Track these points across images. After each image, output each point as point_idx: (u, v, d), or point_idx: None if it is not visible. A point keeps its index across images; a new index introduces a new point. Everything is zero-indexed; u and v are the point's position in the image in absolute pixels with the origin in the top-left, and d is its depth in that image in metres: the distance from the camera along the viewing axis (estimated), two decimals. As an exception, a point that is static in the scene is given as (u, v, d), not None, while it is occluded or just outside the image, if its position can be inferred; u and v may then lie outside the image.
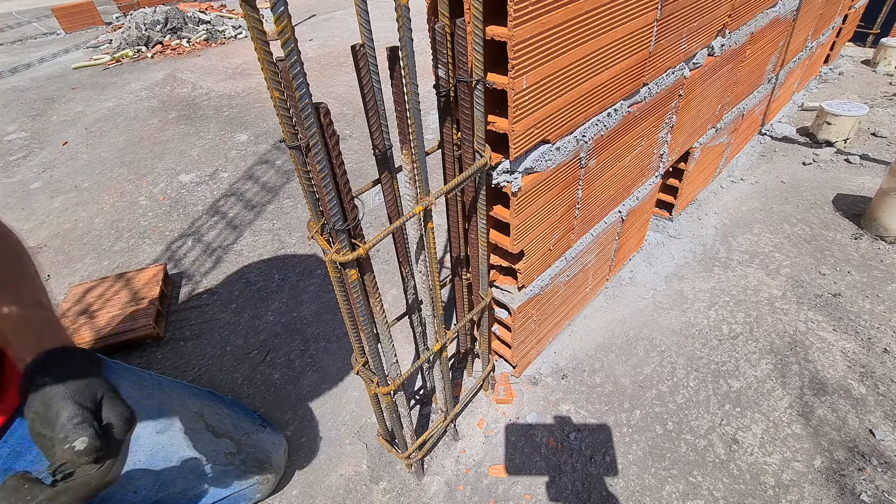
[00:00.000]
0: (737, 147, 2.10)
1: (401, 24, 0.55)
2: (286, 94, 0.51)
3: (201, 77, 4.14)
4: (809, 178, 2.04)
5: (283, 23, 0.43)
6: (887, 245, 1.64)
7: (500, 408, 1.28)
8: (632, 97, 1.09)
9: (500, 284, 1.13)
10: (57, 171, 2.86)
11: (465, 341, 1.21)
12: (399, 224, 0.70)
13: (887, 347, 1.31)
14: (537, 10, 0.70)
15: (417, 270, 0.87)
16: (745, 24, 1.45)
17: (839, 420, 1.17)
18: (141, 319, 1.57)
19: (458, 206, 0.87)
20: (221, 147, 2.90)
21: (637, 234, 1.61)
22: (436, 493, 1.11)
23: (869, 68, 2.92)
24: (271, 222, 2.16)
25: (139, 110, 3.59)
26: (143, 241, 2.14)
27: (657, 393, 1.27)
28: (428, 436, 1.08)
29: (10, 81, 4.68)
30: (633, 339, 1.42)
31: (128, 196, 2.50)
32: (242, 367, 1.48)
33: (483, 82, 0.70)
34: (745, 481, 1.07)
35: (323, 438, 1.25)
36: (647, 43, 1.01)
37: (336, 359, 1.47)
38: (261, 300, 1.73)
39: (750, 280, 1.58)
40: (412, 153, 0.69)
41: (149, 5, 6.76)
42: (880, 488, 1.03)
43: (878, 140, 2.22)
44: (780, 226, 1.79)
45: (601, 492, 1.08)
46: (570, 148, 0.97)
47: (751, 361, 1.32)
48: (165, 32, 5.39)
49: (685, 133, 1.47)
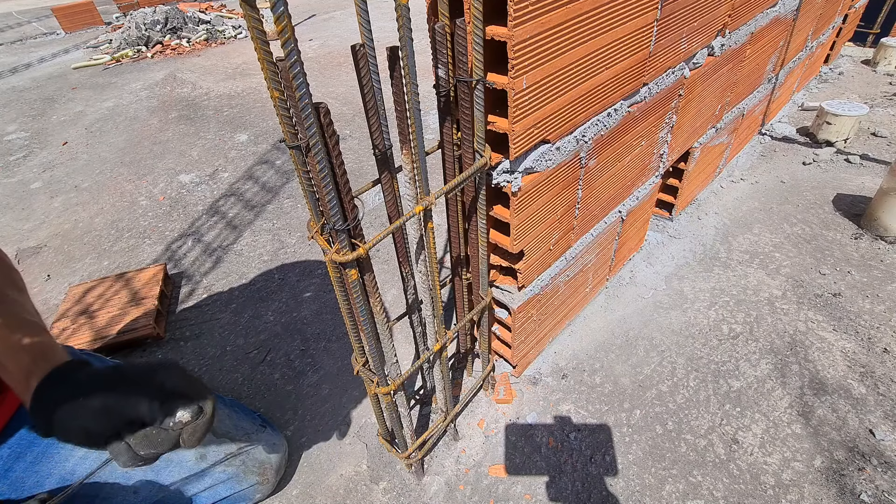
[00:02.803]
0: (737, 147, 2.10)
1: (401, 24, 0.55)
2: (286, 94, 0.51)
3: (201, 77, 4.14)
4: (809, 177, 2.04)
5: (283, 23, 0.43)
6: (887, 245, 1.63)
7: (500, 408, 1.28)
8: (632, 97, 1.09)
9: (500, 284, 1.13)
10: (57, 171, 2.86)
11: (465, 341, 1.21)
12: (399, 224, 0.70)
13: (887, 347, 1.31)
14: (537, 9, 0.70)
15: (417, 270, 0.87)
16: (745, 24, 1.45)
17: (839, 420, 1.17)
18: (141, 319, 1.57)
19: (458, 206, 0.87)
20: (221, 147, 2.90)
21: (637, 233, 1.61)
22: (436, 493, 1.11)
23: (869, 68, 2.92)
24: (271, 222, 2.16)
25: (139, 110, 3.59)
26: (143, 241, 2.14)
27: (657, 393, 1.27)
28: (428, 436, 1.08)
29: (10, 81, 4.68)
30: (633, 339, 1.42)
31: (128, 196, 2.50)
32: (242, 367, 1.48)
33: (483, 82, 0.70)
34: (745, 481, 1.07)
35: (323, 438, 1.25)
36: (647, 43, 1.01)
37: (336, 359, 1.47)
38: (261, 300, 1.73)
39: (750, 280, 1.58)
40: (412, 153, 0.69)
41: (149, 5, 6.76)
42: (880, 488, 1.03)
43: (878, 140, 2.22)
44: (780, 226, 1.79)
45: (601, 492, 1.08)
46: (570, 148, 0.97)
47: (751, 361, 1.32)
48: (165, 32, 5.39)
49: (685, 133, 1.47)
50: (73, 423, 0.54)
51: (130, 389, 0.56)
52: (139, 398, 0.56)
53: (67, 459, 0.82)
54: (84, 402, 0.54)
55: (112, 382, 0.57)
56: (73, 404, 0.54)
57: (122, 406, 0.55)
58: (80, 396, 0.54)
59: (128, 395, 0.56)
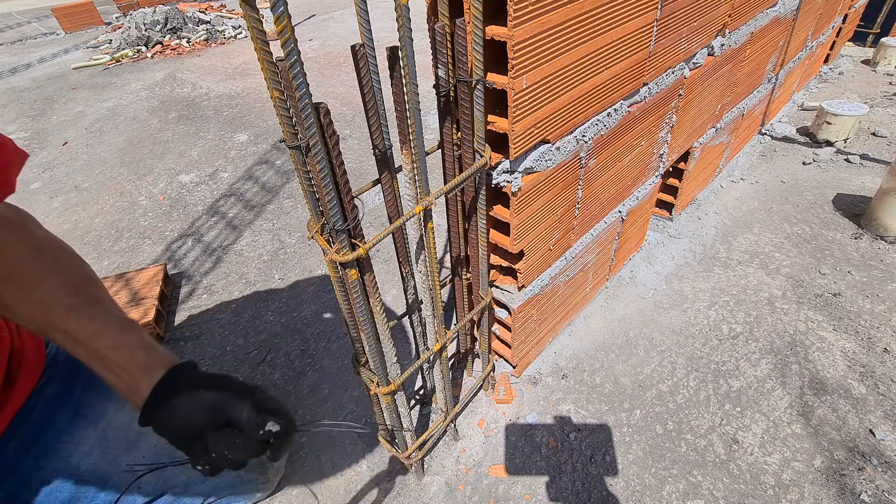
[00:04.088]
0: (737, 147, 2.10)
1: (401, 24, 0.55)
2: (286, 94, 0.51)
3: (201, 77, 4.14)
4: (809, 177, 2.03)
5: (283, 23, 0.43)
6: (887, 245, 1.63)
7: (500, 408, 1.28)
8: (632, 97, 1.09)
9: (500, 284, 1.13)
10: (57, 171, 2.86)
11: (465, 341, 1.21)
12: (399, 224, 0.70)
13: (887, 347, 1.31)
14: (537, 10, 0.70)
15: (417, 270, 0.87)
16: (745, 24, 1.45)
17: (839, 420, 1.17)
18: (141, 319, 1.57)
19: (458, 206, 0.87)
20: (221, 147, 2.90)
21: (637, 233, 1.61)
22: (436, 493, 1.11)
23: (869, 68, 2.92)
24: (271, 222, 2.16)
25: (139, 110, 3.59)
26: (143, 241, 2.14)
27: (657, 393, 1.27)
28: (428, 436, 1.08)
29: (10, 81, 4.68)
30: (634, 339, 1.42)
31: (128, 196, 2.50)
32: (242, 367, 1.48)
33: (483, 82, 0.70)
34: (745, 481, 1.07)
35: (323, 438, 1.25)
36: (646, 43, 1.01)
37: (336, 359, 1.47)
38: (261, 300, 1.73)
39: (750, 280, 1.58)
40: (412, 153, 0.69)
41: (149, 5, 6.76)
42: (880, 488, 1.03)
43: (878, 140, 2.22)
44: (780, 225, 1.79)
45: (601, 491, 1.08)
46: (570, 148, 0.97)
47: (751, 361, 1.32)
48: (165, 32, 5.39)
49: (685, 133, 1.47)
50: (181, 411, 0.58)
51: (237, 394, 0.61)
52: (243, 403, 0.59)
53: (72, 454, 0.82)
54: (198, 395, 0.59)
55: (221, 385, 0.61)
56: (188, 395, 0.59)
57: (229, 405, 0.59)
58: (196, 390, 0.59)
59: (234, 398, 0.60)
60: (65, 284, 0.66)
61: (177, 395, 0.59)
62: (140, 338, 0.64)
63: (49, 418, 0.81)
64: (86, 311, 0.64)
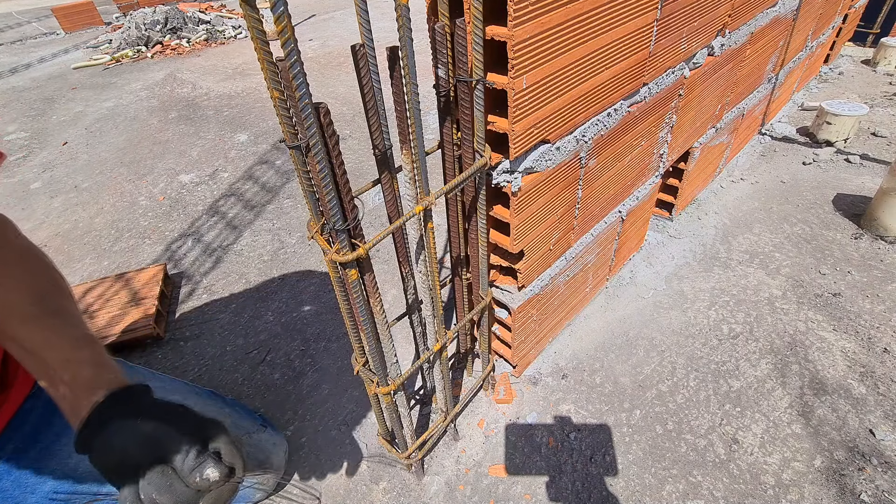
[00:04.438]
0: (737, 147, 2.10)
1: (401, 24, 0.55)
2: (286, 94, 0.51)
3: (201, 77, 4.14)
4: (809, 177, 2.03)
5: (283, 23, 0.43)
6: (887, 245, 1.63)
7: (500, 408, 1.28)
8: (632, 97, 1.09)
9: (500, 284, 1.13)
10: (57, 171, 2.86)
11: (465, 341, 1.21)
12: (399, 224, 0.70)
13: (887, 347, 1.31)
14: (537, 10, 0.70)
15: (417, 270, 0.87)
16: (745, 24, 1.45)
17: (839, 420, 1.17)
18: (141, 319, 1.57)
19: (458, 206, 0.87)
20: (221, 147, 2.90)
21: (637, 233, 1.61)
22: (436, 493, 1.11)
23: (869, 68, 2.92)
24: (271, 222, 2.16)
25: (139, 110, 3.59)
26: (143, 241, 2.14)
27: (657, 393, 1.27)
28: (428, 436, 1.08)
29: (10, 81, 4.68)
30: (633, 339, 1.42)
31: (128, 196, 2.50)
32: (242, 367, 1.48)
33: (483, 82, 0.70)
34: (745, 481, 1.07)
35: (323, 438, 1.25)
36: (646, 43, 1.01)
37: (336, 359, 1.47)
38: (261, 300, 1.73)
39: (750, 280, 1.58)
40: (412, 153, 0.69)
41: (149, 5, 6.76)
42: (880, 488, 1.03)
43: (878, 140, 2.22)
44: (780, 226, 1.79)
45: (601, 491, 1.08)
46: (570, 148, 0.97)
47: (751, 361, 1.32)
48: (165, 32, 5.39)
49: (685, 133, 1.47)
50: (117, 442, 0.52)
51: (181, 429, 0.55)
52: (186, 440, 0.54)
53: (70, 456, 0.82)
54: (136, 425, 0.53)
55: (166, 416, 0.56)
56: (126, 424, 0.53)
57: (167, 440, 0.53)
58: (135, 418, 0.54)
59: (176, 433, 0.54)
60: (27, 293, 0.62)
61: (111, 423, 0.52)
62: (95, 354, 0.59)
63: (47, 420, 0.81)
64: (42, 321, 0.60)
